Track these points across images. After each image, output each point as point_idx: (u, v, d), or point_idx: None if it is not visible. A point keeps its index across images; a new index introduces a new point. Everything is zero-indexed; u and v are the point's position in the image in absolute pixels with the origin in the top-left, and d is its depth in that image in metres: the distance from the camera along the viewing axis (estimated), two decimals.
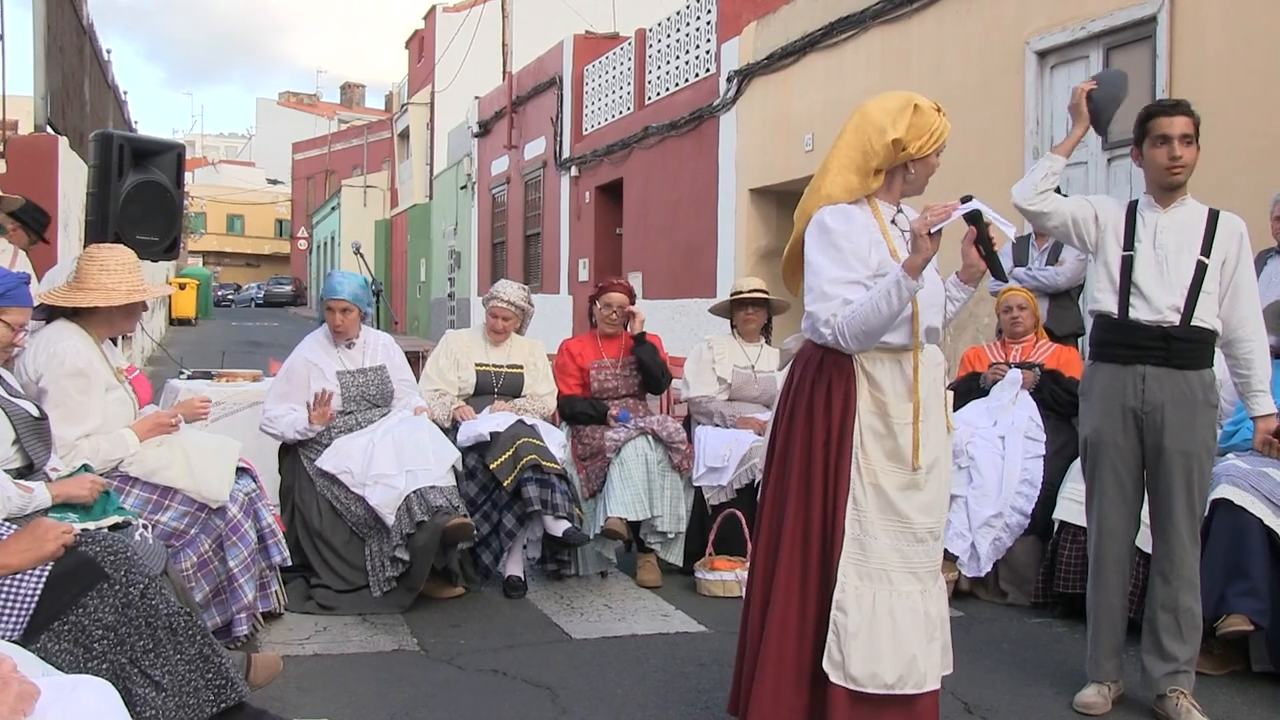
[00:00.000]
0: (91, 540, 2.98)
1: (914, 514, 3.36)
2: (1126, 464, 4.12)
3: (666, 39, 15.68)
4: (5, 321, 3.65)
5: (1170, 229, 4.06)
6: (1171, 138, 4.00)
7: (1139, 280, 4.04)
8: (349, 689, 4.22)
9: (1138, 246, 4.07)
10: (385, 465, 5.26)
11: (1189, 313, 3.99)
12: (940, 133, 3.40)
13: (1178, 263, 4.02)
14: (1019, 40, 8.62)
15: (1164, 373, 4.01)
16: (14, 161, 8.62)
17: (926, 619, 3.36)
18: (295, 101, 69.92)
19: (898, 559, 3.35)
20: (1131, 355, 4.06)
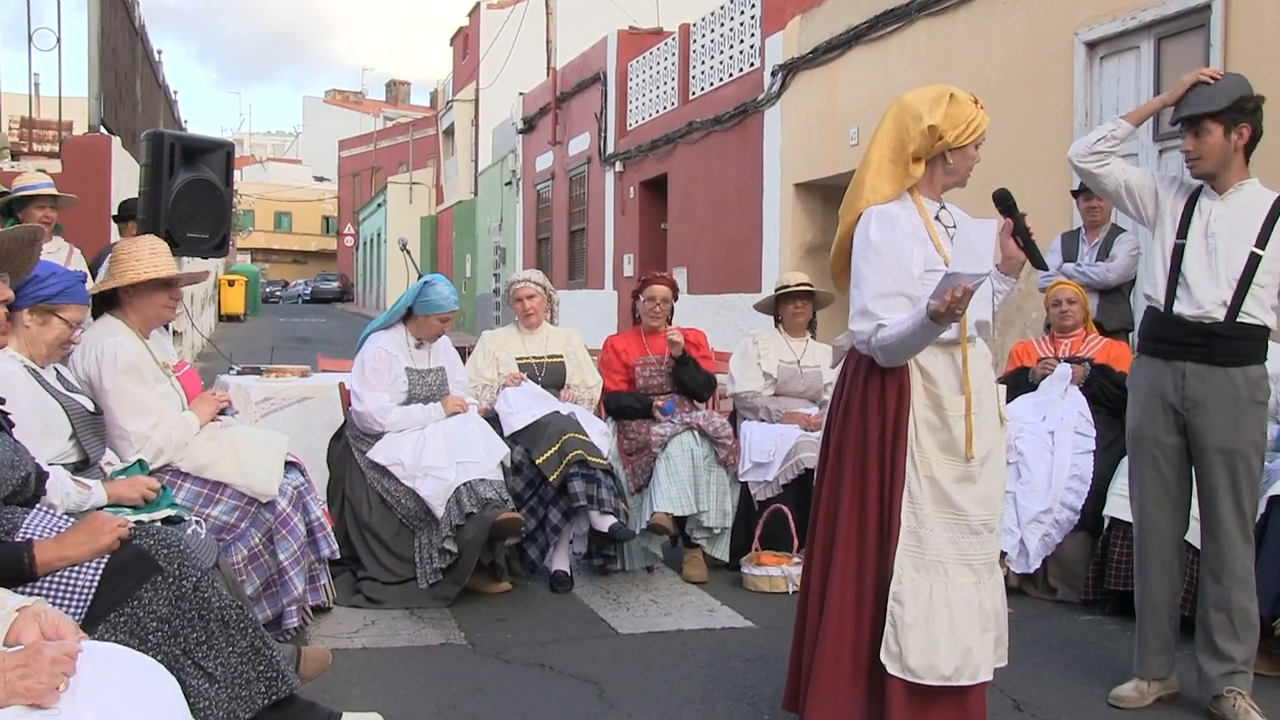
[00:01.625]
0: (145, 534, 3.02)
1: (969, 505, 3.37)
2: (1170, 460, 4.06)
3: (710, 34, 15.65)
4: (62, 318, 3.72)
5: (1224, 217, 3.96)
6: (1186, 133, 3.98)
7: (1186, 272, 3.96)
8: (397, 682, 4.26)
9: (1190, 235, 3.98)
10: (436, 458, 5.30)
11: (1235, 308, 3.90)
12: (977, 124, 3.39)
13: (1229, 254, 3.91)
14: (1067, 31, 8.52)
15: (1206, 370, 3.93)
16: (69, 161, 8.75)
17: (981, 611, 3.37)
18: (341, 99, 70.36)
19: (953, 551, 3.36)
20: (1173, 351, 3.99)
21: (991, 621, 3.41)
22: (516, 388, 5.91)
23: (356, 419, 5.56)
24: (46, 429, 3.58)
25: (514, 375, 5.99)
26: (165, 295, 4.43)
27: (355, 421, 5.58)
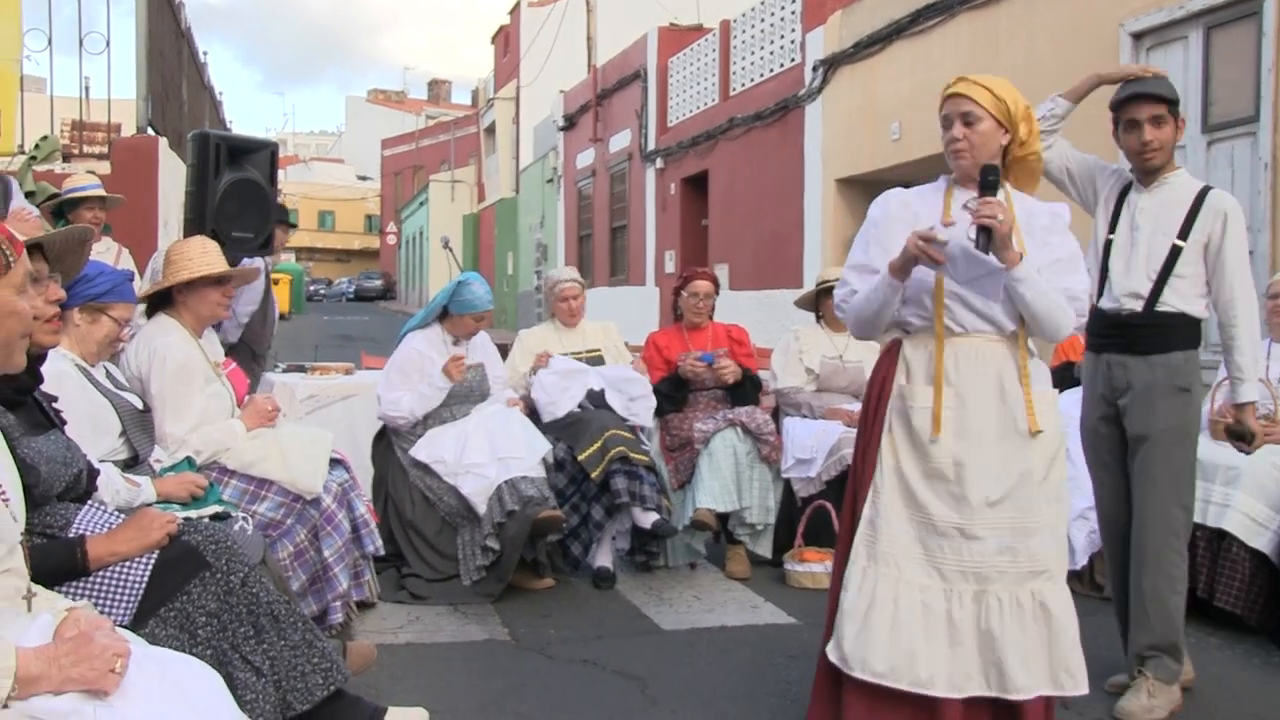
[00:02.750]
0: (194, 530, 3.06)
1: (933, 504, 3.26)
2: (1112, 451, 4.12)
3: (751, 30, 15.61)
4: (112, 317, 3.77)
5: (1149, 210, 4.03)
6: (1140, 122, 3.99)
7: (1111, 265, 4.04)
8: (441, 678, 4.29)
9: (1118, 230, 4.06)
10: (478, 455, 5.32)
11: (1153, 299, 3.96)
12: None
13: (1150, 246, 3.98)
14: (1113, 22, 8.43)
15: (1128, 359, 4.01)
16: (118, 162, 8.85)
17: (947, 620, 3.22)
18: (384, 99, 70.78)
19: (917, 549, 3.27)
20: (1100, 344, 4.10)
21: (968, 636, 3.22)
22: (547, 369, 5.92)
23: (380, 419, 5.62)
24: (97, 427, 3.63)
25: (540, 355, 6.00)
26: (218, 293, 4.48)
27: (380, 407, 5.63)
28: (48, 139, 8.29)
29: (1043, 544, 3.25)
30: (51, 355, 3.52)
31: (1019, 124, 3.33)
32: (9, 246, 2.09)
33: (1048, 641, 3.23)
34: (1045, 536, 3.26)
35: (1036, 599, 3.23)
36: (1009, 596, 3.22)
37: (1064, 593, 3.30)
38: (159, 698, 2.13)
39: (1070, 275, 3.33)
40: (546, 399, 5.84)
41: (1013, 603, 3.22)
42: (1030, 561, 3.24)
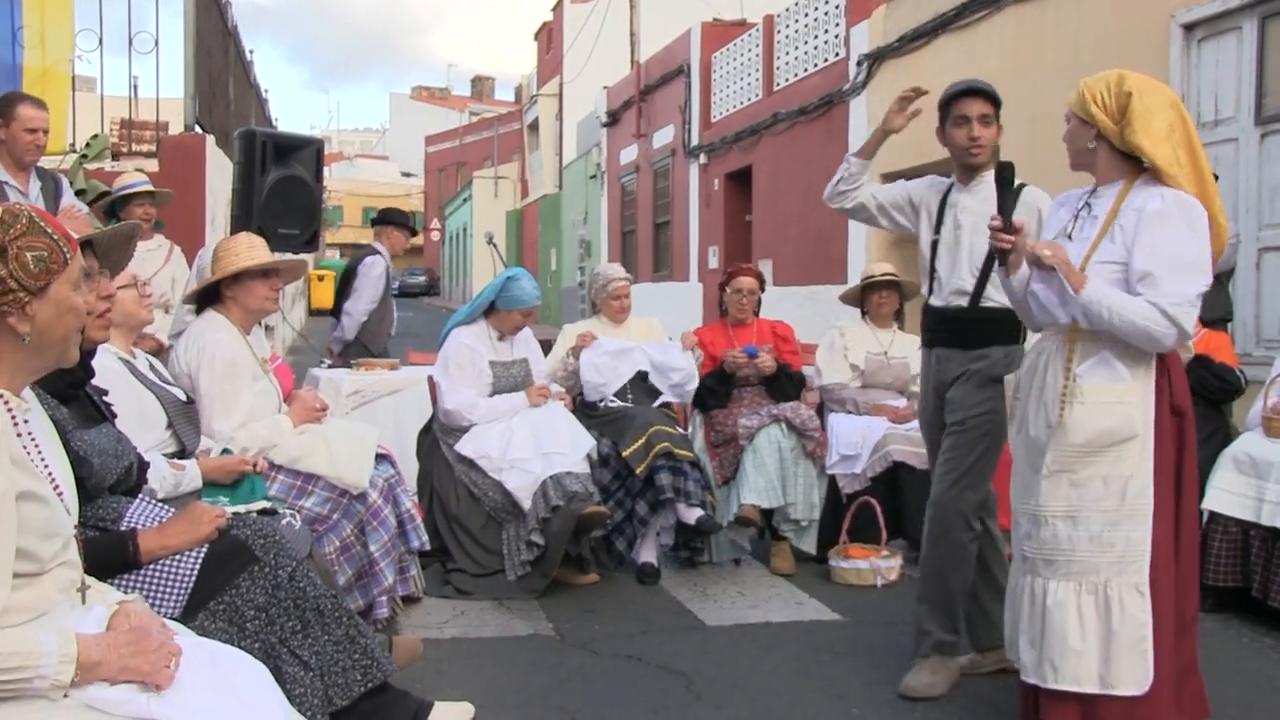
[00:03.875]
0: (243, 524, 3.08)
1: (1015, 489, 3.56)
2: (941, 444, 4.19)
3: (795, 24, 15.54)
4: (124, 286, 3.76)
5: (970, 208, 4.12)
6: (970, 118, 4.08)
7: (937, 264, 4.14)
8: (486, 672, 4.30)
9: (944, 230, 4.15)
10: (522, 450, 5.33)
11: (978, 294, 4.06)
12: None
13: (972, 243, 4.06)
14: (1163, 13, 8.31)
15: (954, 354, 4.11)
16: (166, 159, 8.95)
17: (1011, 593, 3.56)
18: (427, 95, 71.06)
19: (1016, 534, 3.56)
20: (931, 339, 4.21)
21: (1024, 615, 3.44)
22: (596, 351, 5.92)
23: (444, 416, 5.61)
24: (143, 419, 3.67)
25: (582, 336, 6.00)
26: (265, 287, 4.50)
27: (443, 419, 5.63)
28: (98, 137, 8.39)
29: (1050, 534, 3.36)
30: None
31: (1098, 116, 3.35)
32: (65, 244, 2.12)
33: (1040, 630, 3.37)
34: (1056, 528, 3.35)
35: (1044, 589, 3.37)
36: (1028, 581, 3.44)
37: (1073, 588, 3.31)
38: (210, 690, 2.15)
39: (1162, 285, 3.22)
40: (599, 379, 5.85)
41: (1028, 588, 3.43)
42: (1039, 550, 3.39)
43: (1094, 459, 3.30)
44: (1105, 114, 3.34)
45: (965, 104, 4.10)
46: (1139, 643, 3.23)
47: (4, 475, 1.95)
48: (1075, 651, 3.26)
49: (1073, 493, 3.32)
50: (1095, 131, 3.38)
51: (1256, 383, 5.73)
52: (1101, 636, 3.26)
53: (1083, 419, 3.30)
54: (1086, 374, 3.34)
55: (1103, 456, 3.30)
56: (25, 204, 2.16)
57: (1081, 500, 3.32)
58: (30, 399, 2.22)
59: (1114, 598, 3.26)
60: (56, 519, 2.11)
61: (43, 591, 2.09)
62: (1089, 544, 3.30)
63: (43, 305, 2.08)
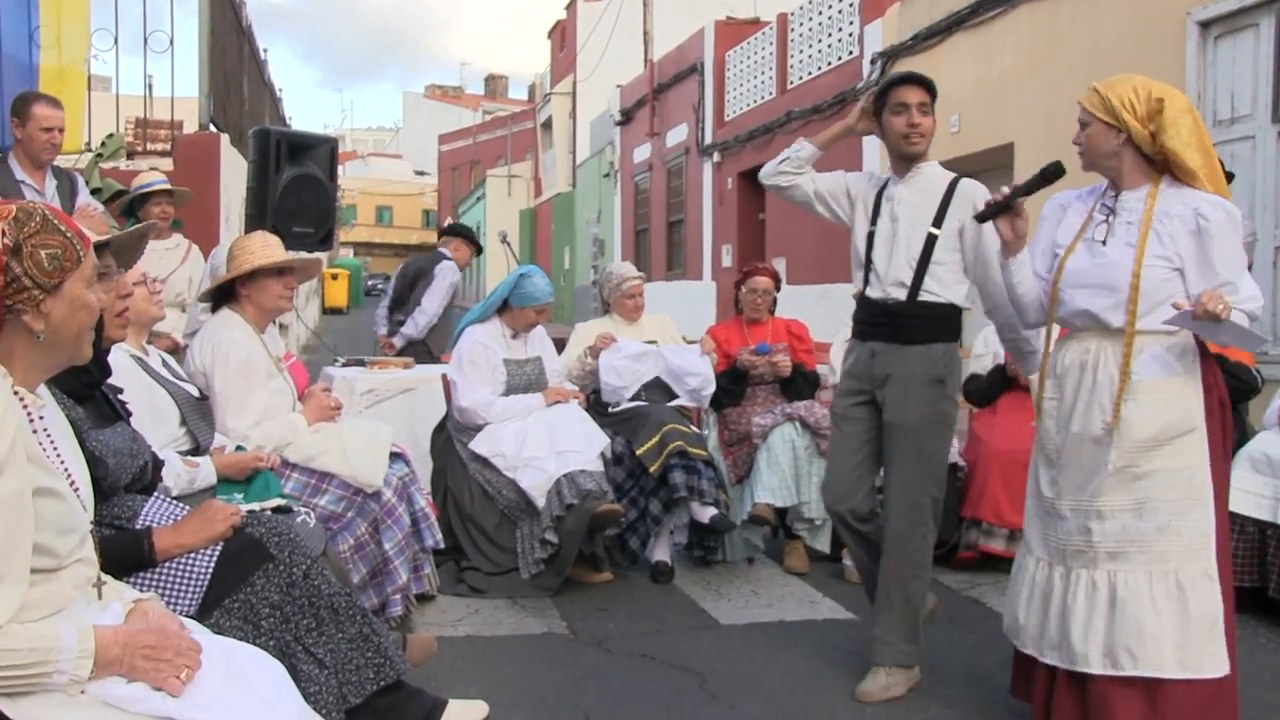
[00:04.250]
0: (257, 522, 3.09)
1: (1044, 484, 3.58)
2: (858, 436, 4.17)
3: (808, 22, 15.52)
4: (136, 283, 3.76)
5: (906, 200, 4.12)
6: (909, 105, 4.08)
7: (874, 256, 4.12)
8: (500, 670, 4.30)
9: (880, 221, 4.14)
10: (537, 448, 5.33)
11: (916, 288, 4.05)
12: None
13: (909, 236, 4.07)
14: (1179, 10, 8.28)
15: (891, 348, 4.09)
16: (181, 158, 8.97)
17: (1044, 592, 3.52)
18: (440, 94, 71.14)
19: (1035, 523, 3.62)
20: (866, 331, 4.19)
21: (1054, 609, 3.46)
22: (614, 353, 5.91)
23: (460, 414, 5.61)
24: (156, 415, 3.67)
25: (602, 336, 6.00)
26: (280, 285, 4.51)
27: (458, 417, 5.63)
28: (113, 136, 8.42)
29: (1117, 527, 3.37)
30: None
31: (1128, 120, 3.36)
32: (79, 242, 2.12)
33: (1112, 621, 3.34)
34: (1120, 520, 3.37)
35: (1110, 580, 3.37)
36: (1086, 575, 3.43)
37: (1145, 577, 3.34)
38: (226, 687, 2.16)
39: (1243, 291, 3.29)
40: (618, 382, 5.84)
41: (1089, 582, 3.42)
42: (1102, 543, 3.39)
43: (1157, 453, 3.37)
44: (1136, 119, 3.35)
45: (904, 91, 4.09)
46: (1213, 626, 3.30)
47: (21, 471, 1.96)
48: (1154, 638, 3.29)
49: (1138, 486, 3.37)
50: (1124, 136, 3.39)
51: (1274, 381, 5.71)
52: (1178, 622, 3.30)
53: (1146, 415, 3.35)
54: (1144, 371, 3.38)
55: (1166, 450, 3.37)
56: (39, 202, 2.16)
57: (1148, 493, 3.36)
58: (45, 396, 2.23)
59: (1186, 584, 3.32)
60: (73, 515, 2.12)
61: (60, 587, 2.10)
62: (1158, 534, 3.35)
63: (57, 303, 2.08)
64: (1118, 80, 3.44)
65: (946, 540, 5.80)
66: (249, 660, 2.30)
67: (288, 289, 4.56)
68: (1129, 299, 3.36)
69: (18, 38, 7.83)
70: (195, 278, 6.50)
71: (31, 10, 7.93)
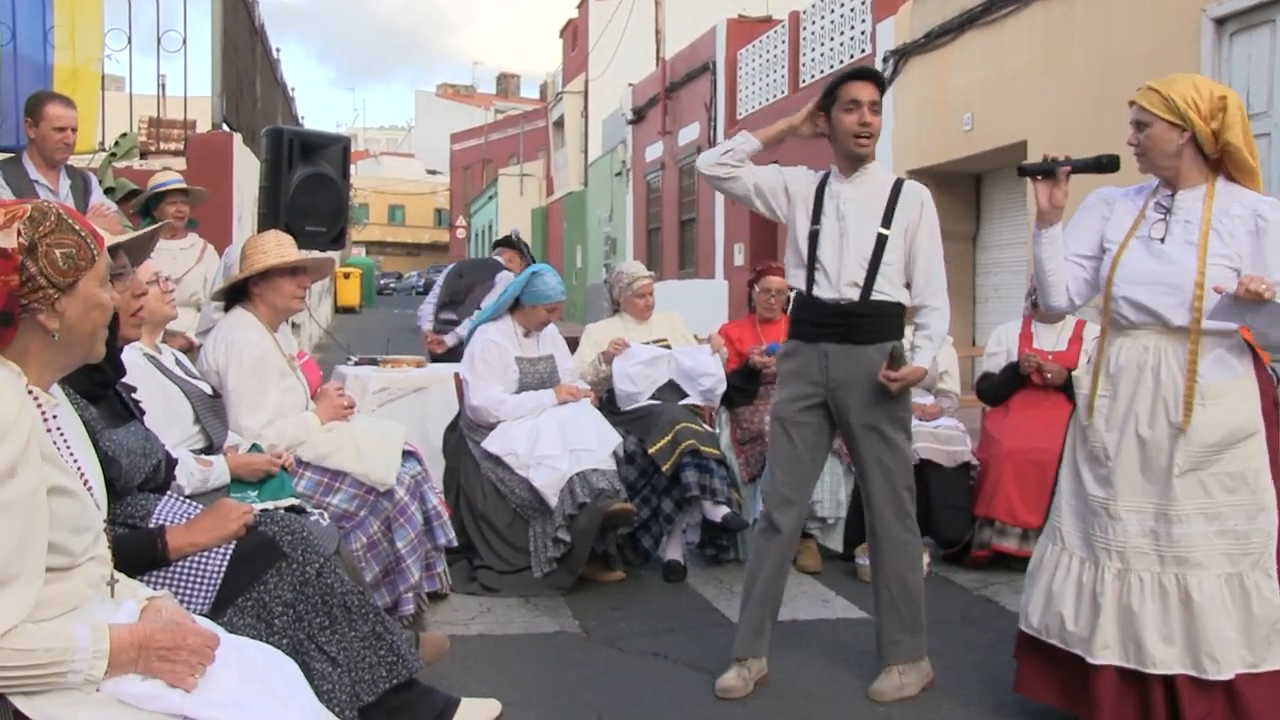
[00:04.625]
0: (270, 521, 3.09)
1: (1089, 483, 3.53)
2: (805, 441, 4.11)
3: (821, 21, 15.50)
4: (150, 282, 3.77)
5: (853, 200, 4.07)
6: (862, 103, 4.01)
7: (821, 256, 4.04)
8: (513, 669, 4.31)
9: (824, 220, 4.06)
10: (549, 447, 5.34)
11: (869, 287, 4.01)
12: None
13: (858, 235, 4.02)
14: (1194, 7, 8.25)
15: (845, 349, 4.03)
16: (194, 157, 8.99)
17: (1091, 591, 3.47)
18: (453, 93, 71.21)
19: (1075, 522, 3.58)
20: (815, 333, 4.08)
21: (1109, 610, 3.42)
22: (628, 359, 5.91)
23: (472, 413, 5.62)
24: (169, 413, 3.68)
25: (615, 342, 5.99)
26: (293, 285, 4.51)
27: (471, 415, 5.64)
28: (126, 136, 8.44)
29: (1187, 531, 3.36)
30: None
31: (1193, 119, 3.35)
32: (93, 241, 2.13)
33: (1189, 625, 3.34)
34: (1192, 525, 3.36)
35: (1181, 584, 3.36)
36: (1151, 578, 3.40)
37: (1217, 581, 3.34)
38: (240, 685, 2.16)
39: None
40: (632, 389, 5.83)
41: (1155, 584, 3.40)
42: (1171, 547, 3.37)
43: (1223, 456, 3.37)
44: (1200, 117, 3.34)
45: (857, 88, 4.02)
46: (1276, 624, 3.32)
47: (36, 471, 1.97)
48: (1233, 642, 3.30)
49: (1207, 489, 3.37)
50: (1188, 135, 3.38)
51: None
52: (1242, 622, 3.31)
53: (1214, 418, 3.35)
54: (1209, 373, 3.38)
55: (1232, 453, 3.37)
56: (53, 201, 2.17)
57: (1217, 496, 3.37)
58: (59, 395, 2.23)
59: (1249, 586, 3.33)
60: (87, 513, 2.12)
61: (73, 586, 2.10)
62: (1226, 538, 3.35)
63: (71, 302, 2.09)
64: (1176, 79, 3.42)
65: (959, 539, 5.80)
66: (262, 658, 2.31)
67: (300, 288, 4.56)
68: (1194, 297, 3.34)
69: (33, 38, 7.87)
70: (210, 277, 6.51)
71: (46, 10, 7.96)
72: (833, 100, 4.07)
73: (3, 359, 2.05)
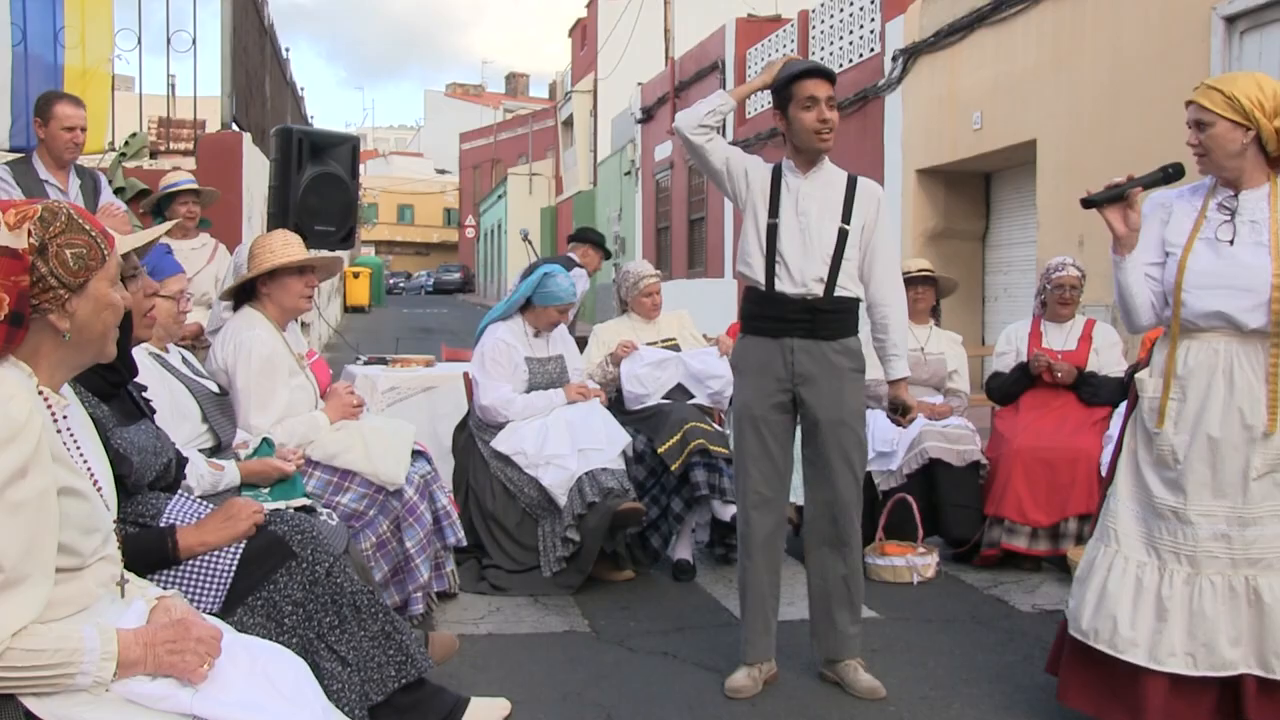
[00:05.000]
0: (280, 520, 3.10)
1: (1156, 487, 3.46)
2: (776, 437, 4.10)
3: (830, 19, 15.48)
4: (165, 296, 3.79)
5: (812, 195, 4.06)
6: (819, 99, 4.02)
7: (783, 250, 4.03)
8: (522, 668, 4.31)
9: (782, 214, 4.05)
10: (559, 446, 5.34)
11: (832, 282, 4.03)
12: None
13: (820, 231, 4.01)
14: (1205, 5, 8.21)
15: (811, 344, 4.03)
16: (203, 157, 9.00)
17: (1156, 596, 3.40)
18: (462, 93, 71.26)
19: (1139, 527, 3.49)
20: (780, 328, 4.06)
21: (1177, 615, 3.37)
22: (637, 361, 5.92)
23: (481, 412, 5.62)
24: (177, 412, 3.69)
25: (623, 344, 5.99)
26: (301, 284, 4.52)
27: (480, 415, 5.64)
28: (136, 136, 8.46)
29: (1261, 533, 3.34)
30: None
31: (1259, 117, 3.31)
32: (103, 241, 2.13)
33: (1259, 626, 3.31)
34: (1266, 527, 3.34)
35: (1250, 585, 3.34)
36: (1222, 581, 3.36)
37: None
38: (249, 684, 2.17)
39: None
40: (640, 390, 5.83)
41: (1226, 587, 3.35)
42: (1245, 549, 3.34)
43: None
44: (1265, 115, 3.31)
45: (813, 85, 4.03)
46: None
47: (46, 471, 1.98)
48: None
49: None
50: (1253, 134, 3.34)
51: None
52: None
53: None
54: None
55: None
56: (64, 201, 2.18)
57: None
58: (69, 395, 2.24)
59: None
60: (96, 514, 2.13)
61: (84, 586, 2.11)
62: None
63: (82, 302, 2.09)
64: (1236, 77, 3.39)
65: (968, 538, 5.80)
66: (271, 658, 2.31)
67: (309, 287, 4.57)
68: (1272, 299, 3.30)
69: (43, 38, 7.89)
70: (221, 276, 6.54)
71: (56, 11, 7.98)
72: (787, 99, 4.07)
73: (14, 359, 2.06)
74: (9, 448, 1.92)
